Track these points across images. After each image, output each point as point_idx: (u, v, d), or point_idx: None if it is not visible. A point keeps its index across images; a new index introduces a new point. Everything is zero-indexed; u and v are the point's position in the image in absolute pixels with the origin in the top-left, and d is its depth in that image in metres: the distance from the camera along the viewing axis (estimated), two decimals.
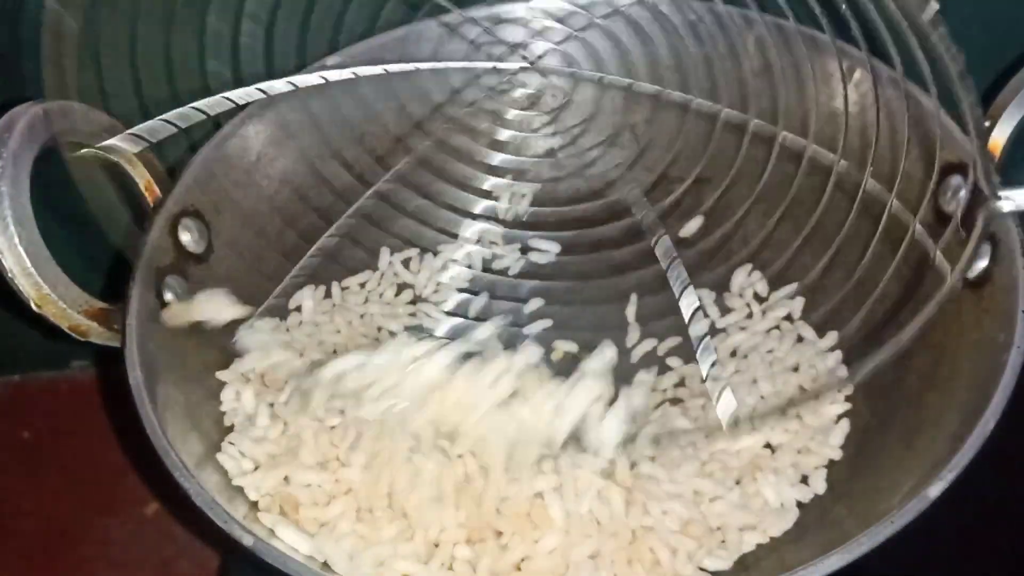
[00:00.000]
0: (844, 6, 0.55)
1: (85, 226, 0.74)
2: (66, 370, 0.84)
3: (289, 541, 0.49)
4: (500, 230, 0.67)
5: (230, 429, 0.56)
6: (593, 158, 0.68)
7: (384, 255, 0.67)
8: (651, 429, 0.56)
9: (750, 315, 0.63)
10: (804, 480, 0.55)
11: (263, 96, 0.60)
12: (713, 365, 0.52)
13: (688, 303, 0.55)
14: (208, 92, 0.60)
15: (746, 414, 0.56)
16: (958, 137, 0.56)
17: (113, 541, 0.75)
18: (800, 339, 0.61)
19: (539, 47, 0.67)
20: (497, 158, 0.67)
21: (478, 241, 0.66)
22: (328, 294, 0.64)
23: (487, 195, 0.67)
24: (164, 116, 0.57)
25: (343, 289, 0.65)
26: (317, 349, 0.60)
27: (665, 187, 0.65)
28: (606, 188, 0.66)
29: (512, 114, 0.67)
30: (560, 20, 0.67)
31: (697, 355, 0.53)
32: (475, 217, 0.67)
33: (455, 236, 0.66)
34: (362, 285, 0.66)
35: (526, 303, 0.63)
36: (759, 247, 0.64)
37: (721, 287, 0.64)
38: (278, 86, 0.61)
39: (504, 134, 0.67)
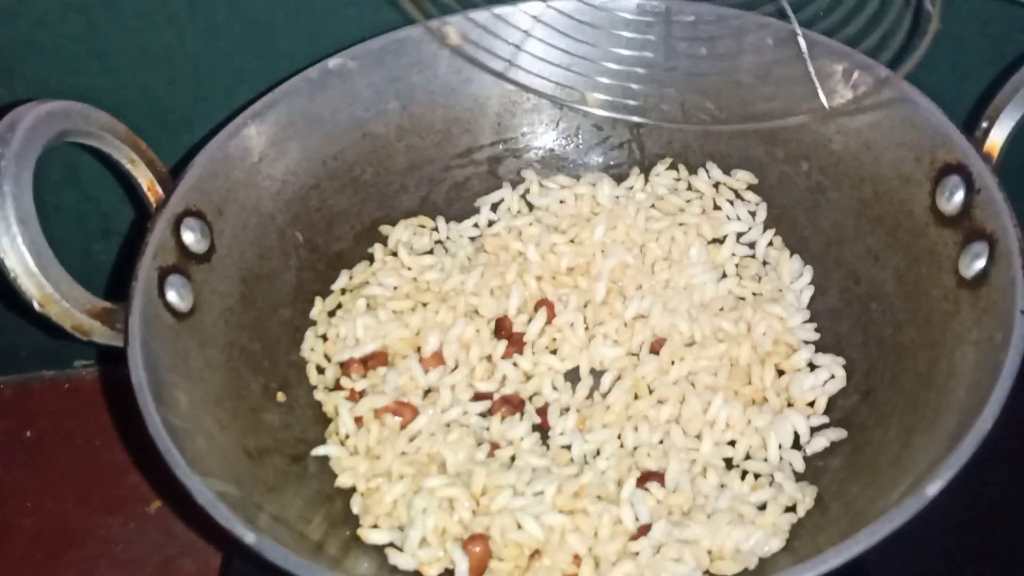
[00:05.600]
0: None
1: (88, 225, 0.75)
2: (69, 369, 0.84)
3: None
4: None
5: (230, 429, 0.56)
6: None
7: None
8: None
9: None
10: None
11: None
12: None
13: None
14: None
15: None
16: (955, 137, 0.56)
17: (116, 539, 0.75)
18: None
19: None
20: None
21: None
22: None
23: None
24: None
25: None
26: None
27: None
28: None
29: None
30: None
31: None
32: None
33: None
34: None
35: None
36: None
37: None
38: None
39: None
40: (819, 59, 0.60)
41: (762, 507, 0.54)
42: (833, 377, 0.59)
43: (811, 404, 0.59)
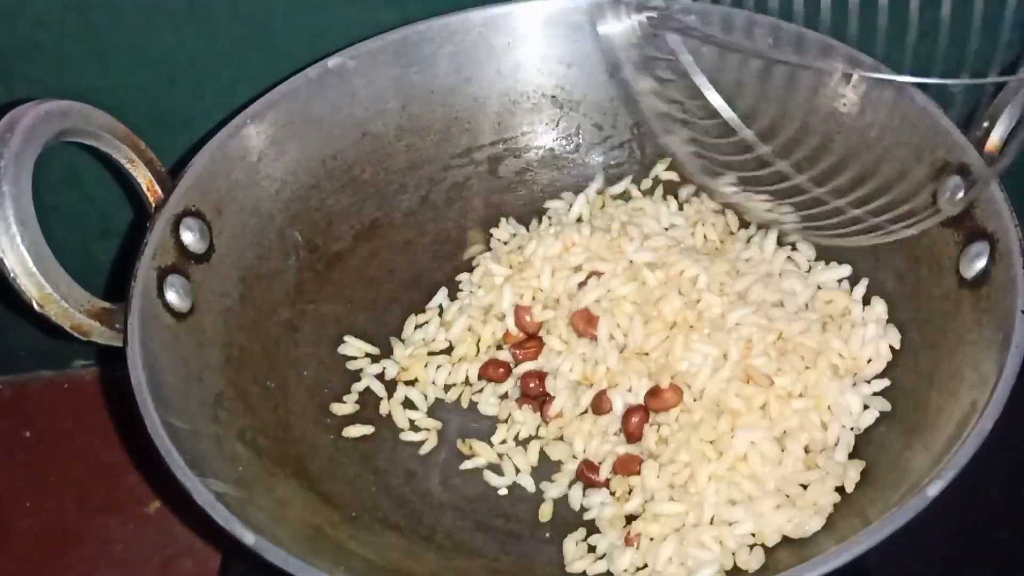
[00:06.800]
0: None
1: (87, 225, 0.75)
2: (68, 369, 0.84)
3: None
4: None
5: (228, 428, 0.56)
6: None
7: None
8: None
9: None
10: None
11: None
12: None
13: None
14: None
15: None
16: (956, 137, 0.56)
17: (115, 539, 0.75)
18: None
19: None
20: None
21: None
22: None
23: None
24: None
25: None
26: None
27: None
28: None
29: None
30: None
31: None
32: None
33: None
34: None
35: None
36: None
37: None
38: None
39: None
40: (820, 58, 0.60)
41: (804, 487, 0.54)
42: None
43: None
